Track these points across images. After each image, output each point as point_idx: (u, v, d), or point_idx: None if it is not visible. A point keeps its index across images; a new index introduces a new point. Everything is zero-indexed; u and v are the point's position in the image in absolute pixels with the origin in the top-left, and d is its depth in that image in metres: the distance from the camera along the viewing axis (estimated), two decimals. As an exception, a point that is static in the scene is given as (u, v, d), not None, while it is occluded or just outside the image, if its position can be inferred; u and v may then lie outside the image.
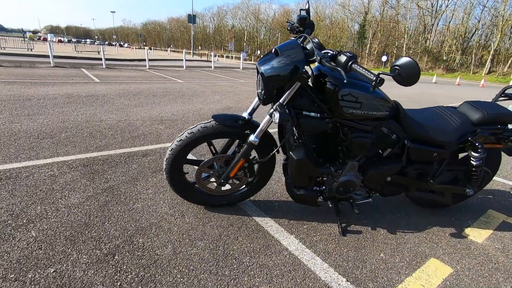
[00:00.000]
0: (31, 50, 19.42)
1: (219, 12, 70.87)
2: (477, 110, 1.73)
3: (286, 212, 1.97)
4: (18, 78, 7.10)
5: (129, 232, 1.62)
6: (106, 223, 1.68)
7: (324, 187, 1.74)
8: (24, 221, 1.64)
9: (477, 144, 1.67)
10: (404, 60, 1.18)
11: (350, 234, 1.78)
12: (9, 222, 1.63)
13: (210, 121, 1.61)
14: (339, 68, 1.23)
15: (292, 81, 1.41)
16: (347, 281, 1.41)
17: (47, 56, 11.67)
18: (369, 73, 1.17)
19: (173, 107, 5.09)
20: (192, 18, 29.68)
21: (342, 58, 1.27)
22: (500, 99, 1.92)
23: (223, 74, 13.09)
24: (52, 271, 1.31)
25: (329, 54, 1.32)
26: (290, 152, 1.57)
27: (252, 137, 1.58)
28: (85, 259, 1.40)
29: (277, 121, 1.39)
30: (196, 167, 1.75)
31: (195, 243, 1.58)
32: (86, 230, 1.61)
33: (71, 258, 1.40)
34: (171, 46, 70.99)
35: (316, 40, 1.40)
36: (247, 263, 1.47)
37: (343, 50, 1.81)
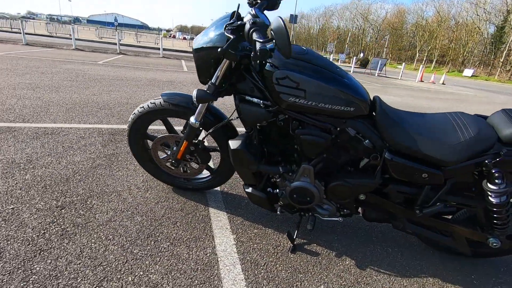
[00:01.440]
0: (157, 44, 23.56)
1: (325, 13, 69.43)
2: None
3: (249, 212, 1.77)
4: (129, 64, 8.67)
5: (91, 193, 1.77)
6: (81, 182, 1.88)
7: (278, 191, 1.49)
8: (30, 166, 1.99)
9: (493, 171, 1.11)
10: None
11: (301, 254, 1.47)
12: (21, 164, 2.00)
13: (159, 98, 1.59)
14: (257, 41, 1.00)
15: (221, 58, 1.23)
16: (253, 302, 1.17)
17: (167, 50, 13.83)
18: (262, 44, 0.91)
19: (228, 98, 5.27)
20: (294, 18, 30.09)
21: (246, 27, 1.03)
22: None
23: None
24: (10, 208, 1.55)
25: (237, 23, 1.10)
26: (229, 141, 1.39)
27: (192, 119, 1.47)
28: (40, 205, 1.59)
29: (194, 99, 1.25)
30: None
31: (134, 217, 1.59)
32: (62, 183, 1.84)
33: (32, 201, 1.62)
34: (274, 45, 73.64)
35: (253, 12, 1.18)
36: (163, 248, 1.39)
37: (468, 57, 1.49)
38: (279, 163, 1.44)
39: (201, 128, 1.55)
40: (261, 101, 1.29)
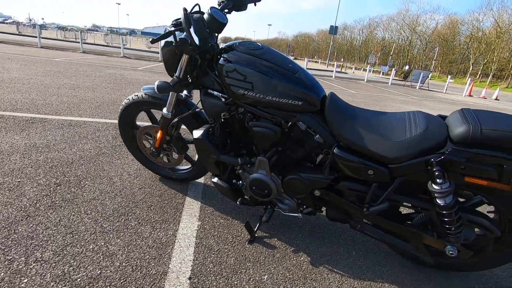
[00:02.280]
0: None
1: (370, 24, 67.49)
2: (464, 122, 1.07)
3: (223, 203, 1.84)
4: (164, 70, 9.33)
5: (87, 175, 1.98)
6: (82, 166, 2.12)
7: (240, 182, 1.55)
8: (46, 150, 2.29)
9: (434, 170, 1.05)
10: None
11: (258, 245, 1.50)
12: (39, 148, 2.31)
13: (141, 92, 1.75)
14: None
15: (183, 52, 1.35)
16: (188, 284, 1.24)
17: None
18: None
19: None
20: (333, 29, 29.84)
21: (182, 21, 1.15)
22: None
23: (336, 84, 12.54)
24: (17, 181, 1.81)
25: (178, 19, 1.22)
26: (194, 130, 1.49)
27: (164, 110, 1.61)
28: (41, 181, 1.84)
29: (155, 89, 1.37)
30: None
31: (115, 198, 1.76)
32: (67, 165, 2.09)
33: (36, 178, 1.87)
34: (315, 57, 73.34)
35: (215, 8, 1.30)
36: (129, 226, 1.52)
37: None
38: (239, 155, 1.51)
39: (176, 119, 1.67)
40: (220, 94, 1.38)
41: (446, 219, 1.12)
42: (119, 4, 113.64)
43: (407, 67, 47.59)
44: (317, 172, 1.33)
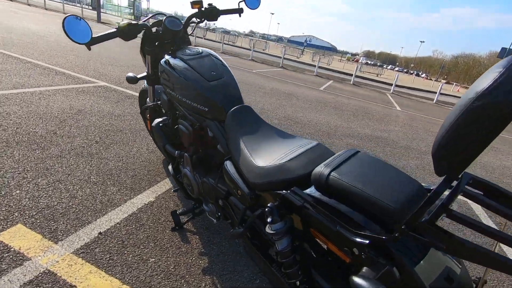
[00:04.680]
0: (329, 65, 25.02)
1: None
2: (328, 162, 0.84)
3: (189, 194, 2.02)
4: (278, 76, 10.00)
5: (118, 141, 2.57)
6: (123, 134, 2.73)
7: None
8: (115, 118, 3.07)
9: (269, 206, 0.87)
10: None
11: (174, 235, 1.60)
12: (113, 116, 3.12)
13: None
14: None
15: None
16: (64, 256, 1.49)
17: (325, 69, 14.73)
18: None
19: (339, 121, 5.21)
20: (505, 52, 23.64)
21: None
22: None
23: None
24: (78, 133, 2.56)
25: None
26: (155, 119, 1.73)
27: (147, 100, 1.91)
28: (90, 137, 2.53)
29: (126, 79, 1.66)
30: None
31: (119, 162, 2.22)
32: (114, 132, 2.75)
33: (88, 134, 2.58)
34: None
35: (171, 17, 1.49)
36: (106, 183, 1.92)
37: None
38: (180, 148, 1.64)
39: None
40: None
41: (283, 261, 0.93)
42: (272, 14, 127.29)
43: None
44: (219, 181, 1.32)
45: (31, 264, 1.25)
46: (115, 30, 1.33)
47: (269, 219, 0.90)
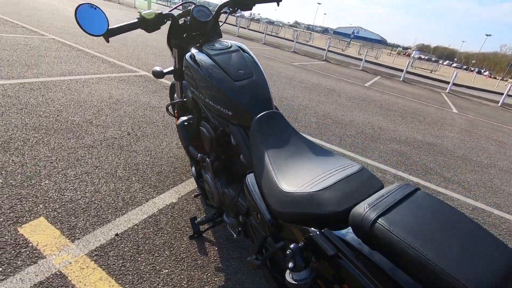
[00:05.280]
0: (377, 59, 23.49)
1: None
2: (371, 202, 0.62)
3: (213, 197, 1.90)
4: (319, 69, 9.54)
5: (150, 135, 2.53)
6: (155, 127, 2.70)
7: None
8: (150, 109, 3.07)
9: (292, 247, 0.67)
10: None
11: (192, 244, 1.48)
12: (149, 107, 3.12)
13: None
14: None
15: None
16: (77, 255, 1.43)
17: (373, 63, 13.78)
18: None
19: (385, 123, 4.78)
20: None
21: None
22: None
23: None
24: (113, 123, 2.58)
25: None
26: (181, 117, 1.61)
27: (175, 95, 1.79)
28: (123, 128, 2.53)
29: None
30: None
31: (147, 157, 2.18)
32: (147, 124, 2.73)
33: (122, 125, 2.58)
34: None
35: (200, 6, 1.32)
36: (131, 179, 1.88)
37: None
38: (203, 151, 1.51)
39: None
40: None
41: None
42: (319, 4, 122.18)
43: None
44: (239, 195, 1.16)
45: (45, 264, 1.22)
46: (137, 20, 1.21)
47: (290, 264, 0.71)
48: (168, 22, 1.38)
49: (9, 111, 2.39)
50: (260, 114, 1.07)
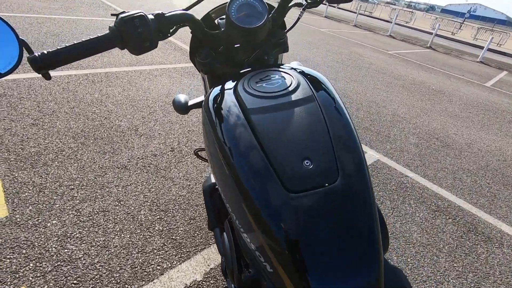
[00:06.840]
0: (500, 46, 18.72)
1: None
2: None
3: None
4: (420, 60, 7.78)
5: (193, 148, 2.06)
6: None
7: None
8: (170, 103, 2.60)
9: None
10: None
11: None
12: (165, 101, 2.66)
13: None
14: None
15: None
16: None
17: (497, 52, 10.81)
18: None
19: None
20: None
21: None
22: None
23: None
24: (150, 147, 2.19)
25: None
26: None
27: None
28: (168, 142, 2.12)
29: None
30: None
31: (178, 192, 1.71)
32: (187, 136, 2.27)
33: (168, 136, 2.18)
34: None
35: None
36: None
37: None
38: None
39: None
40: None
41: None
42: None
43: None
44: None
45: None
46: (108, 32, 0.61)
47: None
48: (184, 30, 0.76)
49: (60, 110, 2.21)
50: None
